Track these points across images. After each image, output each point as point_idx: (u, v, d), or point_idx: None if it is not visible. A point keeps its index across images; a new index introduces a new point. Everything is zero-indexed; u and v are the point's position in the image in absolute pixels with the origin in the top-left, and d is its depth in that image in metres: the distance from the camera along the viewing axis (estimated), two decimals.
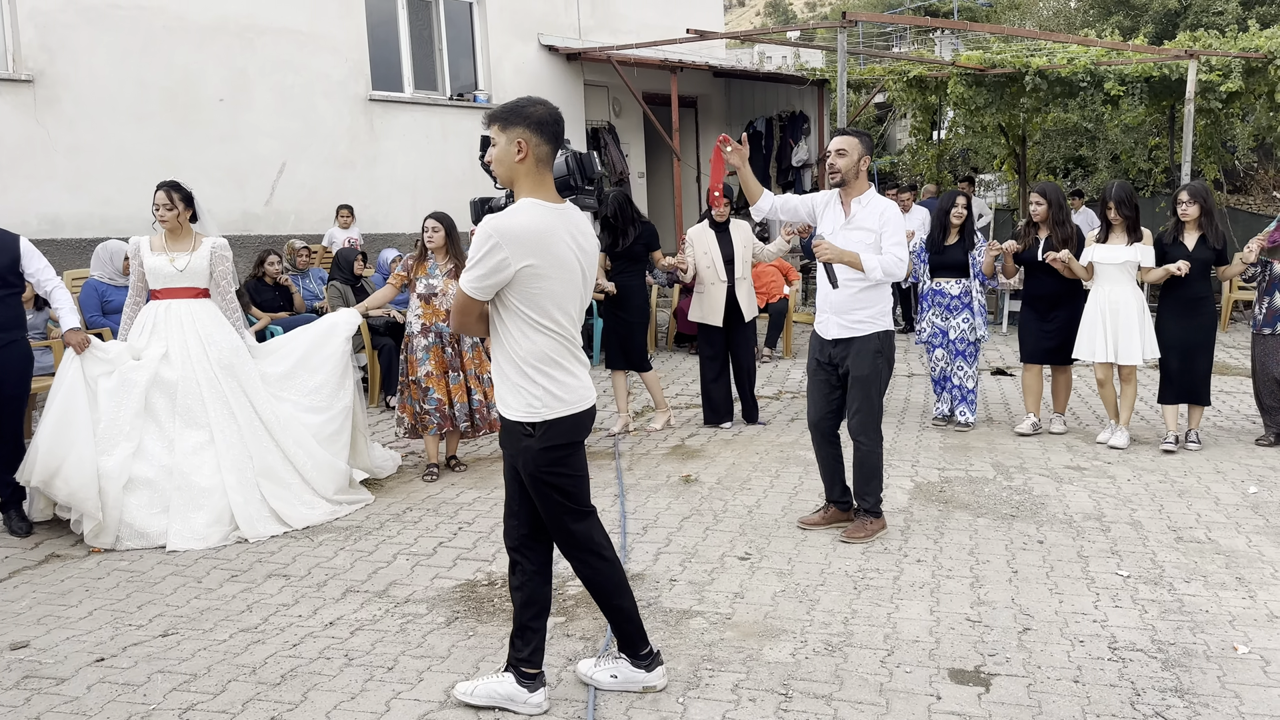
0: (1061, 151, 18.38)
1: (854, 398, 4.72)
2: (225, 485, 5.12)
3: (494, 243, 2.89)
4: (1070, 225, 6.60)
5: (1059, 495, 5.42)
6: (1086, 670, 3.44)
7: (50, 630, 4.03)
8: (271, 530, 5.12)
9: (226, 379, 5.29)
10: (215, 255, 5.44)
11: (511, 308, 3.00)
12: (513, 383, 3.05)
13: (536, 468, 3.07)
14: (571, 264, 3.03)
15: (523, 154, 2.96)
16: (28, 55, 8.45)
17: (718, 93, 15.26)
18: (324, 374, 5.66)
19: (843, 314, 4.65)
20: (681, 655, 3.61)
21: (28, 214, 8.44)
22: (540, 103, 3.03)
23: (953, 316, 6.92)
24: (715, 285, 7.02)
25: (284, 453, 5.35)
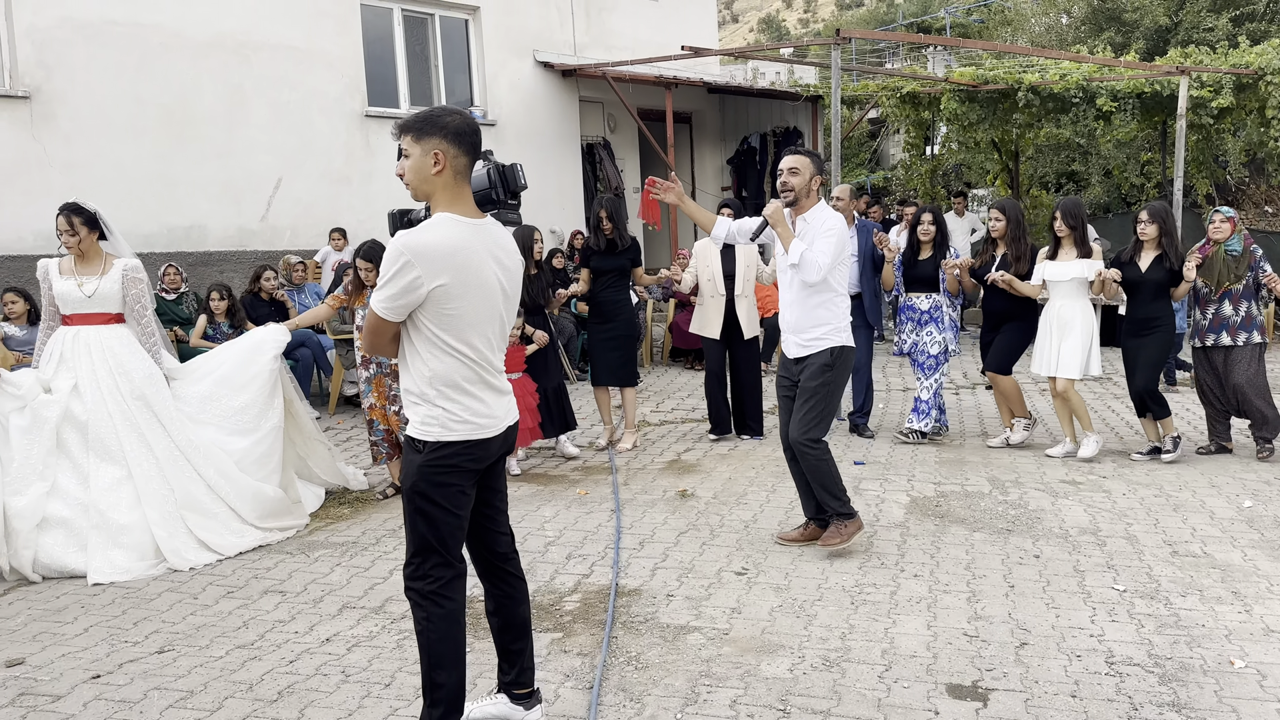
0: (1054, 166, 18.48)
1: (799, 406, 4.77)
2: (147, 520, 4.90)
3: (405, 260, 2.73)
4: (1025, 243, 6.70)
5: (1055, 509, 5.43)
6: (1084, 685, 3.44)
7: (46, 647, 4.01)
8: (203, 559, 4.93)
9: (141, 410, 5.06)
10: (128, 278, 5.16)
11: (422, 329, 2.84)
12: (414, 400, 2.91)
13: (412, 485, 2.90)
14: (491, 283, 2.89)
15: (439, 166, 2.81)
16: (24, 71, 8.48)
17: (712, 109, 15.33)
18: (250, 394, 5.44)
19: (799, 333, 4.75)
20: (679, 671, 3.61)
21: (24, 230, 8.45)
22: (456, 112, 2.89)
23: (921, 330, 7.00)
24: (714, 299, 7.05)
25: (206, 482, 5.12)
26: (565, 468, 6.64)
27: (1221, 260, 6.32)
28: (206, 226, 9.62)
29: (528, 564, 4.76)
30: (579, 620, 4.10)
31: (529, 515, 5.55)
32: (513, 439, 3.10)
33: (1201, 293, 6.40)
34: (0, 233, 8.33)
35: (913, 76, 14.33)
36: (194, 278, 9.09)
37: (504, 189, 3.10)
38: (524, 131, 12.23)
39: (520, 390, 6.17)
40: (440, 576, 2.92)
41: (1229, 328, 6.34)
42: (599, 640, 3.88)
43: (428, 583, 2.91)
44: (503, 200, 3.11)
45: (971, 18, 32.88)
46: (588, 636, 3.94)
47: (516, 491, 6.05)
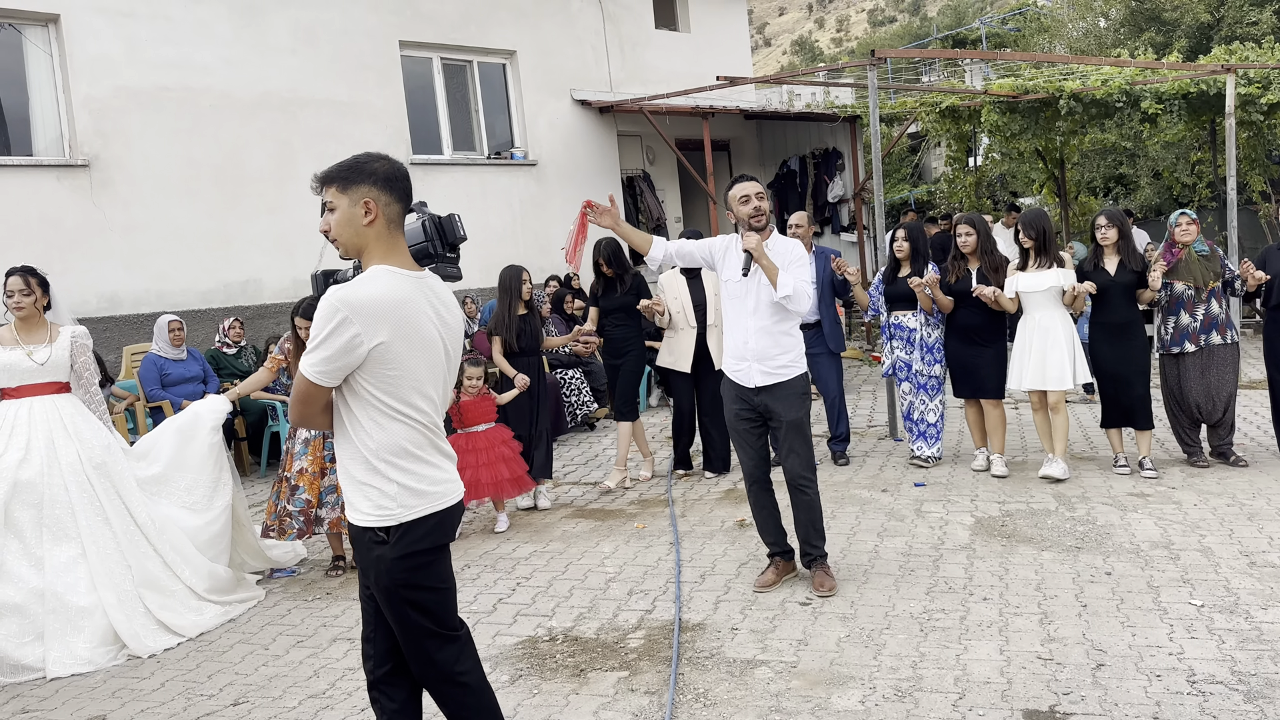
0: (1101, 171, 18.23)
1: (790, 441, 4.62)
2: (104, 603, 4.61)
3: (342, 317, 2.48)
4: (998, 254, 6.61)
5: (1124, 524, 5.31)
6: (1166, 706, 3.35)
7: (125, 703, 4.10)
8: (164, 643, 4.67)
9: (99, 480, 4.80)
10: (76, 345, 4.95)
11: (361, 394, 2.57)
12: (360, 482, 2.61)
13: (392, 580, 2.60)
14: (433, 339, 2.66)
15: (371, 215, 2.61)
16: (83, 141, 8.78)
17: (750, 134, 15.38)
18: (194, 471, 5.23)
19: (765, 360, 4.59)
20: (749, 707, 3.58)
21: (88, 293, 8.72)
22: (383, 158, 2.70)
23: (914, 349, 6.90)
24: (685, 331, 6.96)
25: (163, 559, 4.90)
26: (622, 501, 6.64)
27: (1196, 261, 6.29)
28: (262, 280, 9.83)
29: (589, 602, 4.77)
30: (644, 658, 4.09)
31: (588, 552, 5.56)
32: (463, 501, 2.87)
33: (1186, 295, 6.28)
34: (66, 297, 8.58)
35: (951, 91, 14.26)
36: (251, 330, 9.30)
37: (441, 242, 2.85)
38: (564, 169, 12.37)
39: (493, 440, 6.15)
40: (450, 656, 2.70)
41: (1218, 326, 6.28)
42: (666, 678, 3.87)
43: (438, 669, 2.69)
44: (440, 254, 2.86)
45: (1007, 27, 32.65)
46: (654, 674, 3.92)
47: (575, 528, 6.06)
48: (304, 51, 10.20)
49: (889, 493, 6.30)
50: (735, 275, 4.60)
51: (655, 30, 13.79)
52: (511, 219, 11.76)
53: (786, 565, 4.85)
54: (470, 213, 11.40)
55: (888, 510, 5.91)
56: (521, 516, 6.48)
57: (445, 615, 2.70)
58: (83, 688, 4.30)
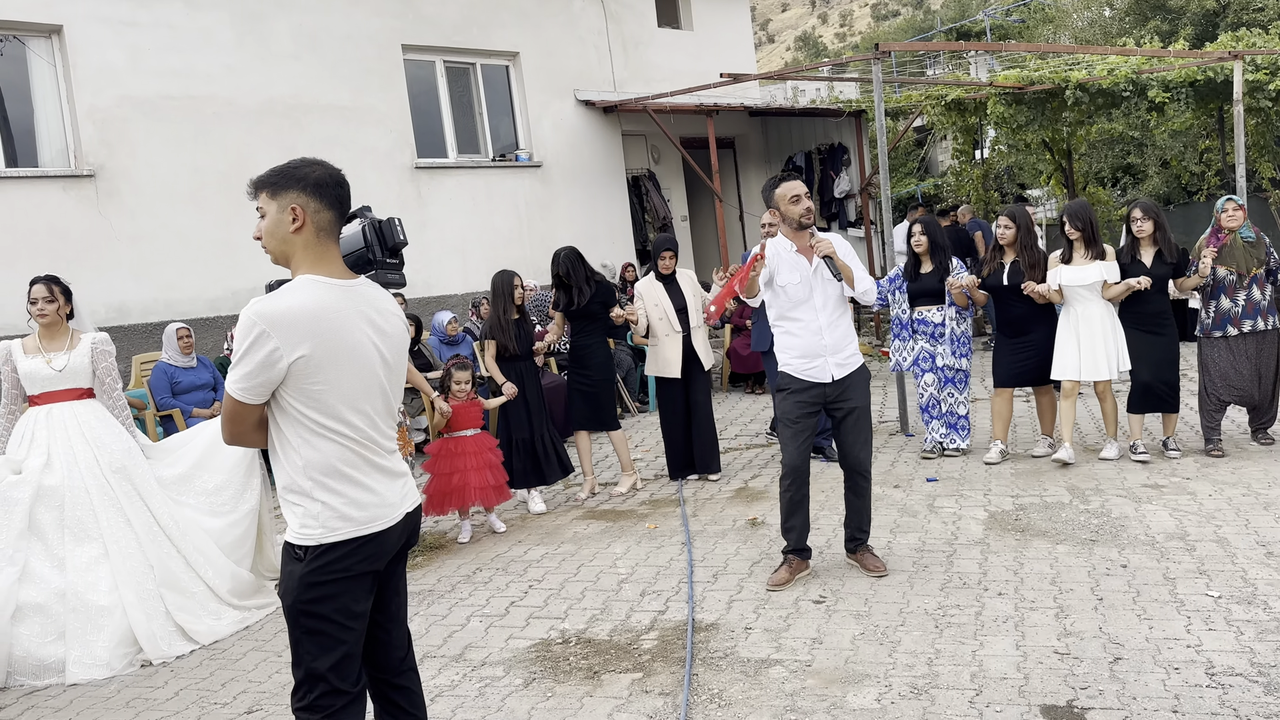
0: (1109, 161, 18.13)
1: (860, 430, 4.76)
2: (124, 603, 4.66)
3: (259, 331, 2.38)
4: (1037, 250, 6.60)
5: (1139, 516, 5.27)
6: (1185, 699, 3.32)
7: (140, 713, 4.10)
8: (177, 649, 4.70)
9: (120, 483, 4.86)
10: (97, 351, 5.00)
11: (289, 410, 2.46)
12: (290, 500, 2.50)
13: (295, 599, 2.47)
14: (365, 351, 2.53)
15: (299, 222, 2.50)
16: (88, 151, 8.81)
17: (755, 131, 15.35)
18: (224, 474, 5.26)
19: (838, 353, 4.70)
20: (764, 707, 3.56)
21: (96, 303, 8.73)
22: (318, 163, 2.58)
23: (939, 344, 6.93)
24: (670, 337, 6.89)
25: (186, 559, 4.94)
26: (633, 502, 6.63)
27: (1240, 247, 6.30)
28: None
29: (602, 603, 4.76)
30: (658, 659, 4.07)
31: (600, 553, 5.54)
32: (416, 524, 2.72)
33: (1228, 280, 6.31)
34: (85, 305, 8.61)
35: (956, 83, 14.19)
36: None
37: (382, 247, 2.74)
38: (569, 170, 12.36)
39: (481, 446, 6.12)
40: (329, 706, 2.50)
41: (1261, 312, 6.30)
42: (680, 679, 3.85)
43: (315, 714, 2.51)
44: (380, 260, 2.74)
45: (1011, 18, 32.53)
46: (668, 675, 3.90)
47: (586, 530, 6.05)
48: (307, 57, 10.21)
49: (901, 488, 6.27)
50: (793, 279, 4.65)
51: (658, 29, 13.77)
52: (517, 221, 11.76)
53: (801, 564, 4.83)
54: (476, 215, 11.44)
55: (900, 506, 5.88)
56: (532, 518, 6.47)
57: (343, 662, 2.50)
58: (97, 697, 4.30)
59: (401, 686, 2.73)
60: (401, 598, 2.75)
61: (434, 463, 6.06)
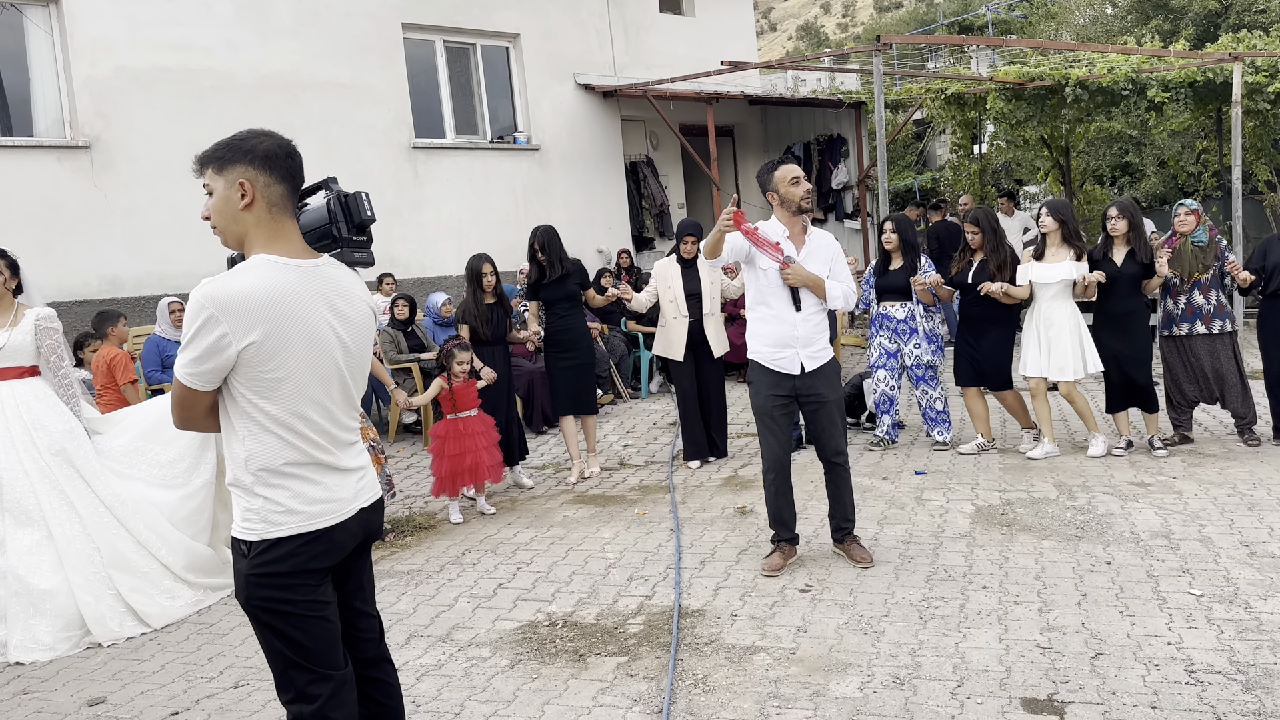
0: (1107, 159, 18.15)
1: (832, 421, 4.78)
2: (70, 584, 4.56)
3: (208, 315, 2.23)
4: (1004, 250, 6.63)
5: (1124, 513, 5.31)
6: (1164, 695, 3.35)
7: (125, 685, 4.11)
8: (128, 631, 4.60)
9: (60, 466, 4.71)
10: (40, 328, 4.81)
11: (239, 399, 2.33)
12: (233, 491, 2.41)
13: (246, 598, 2.37)
14: (323, 337, 2.38)
15: (248, 198, 2.36)
16: (84, 122, 8.76)
17: (754, 120, 15.32)
18: (178, 447, 5.10)
19: (808, 346, 4.71)
20: (747, 693, 3.59)
21: (89, 275, 8.72)
22: (266, 134, 2.42)
23: (904, 341, 7.01)
24: (676, 320, 6.93)
25: (135, 538, 4.80)
26: (622, 487, 6.65)
27: (1189, 251, 6.39)
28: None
29: (589, 587, 4.78)
30: (644, 643, 4.09)
31: (589, 538, 5.57)
32: (377, 522, 2.60)
33: (1172, 283, 6.44)
34: (67, 279, 8.59)
35: (957, 77, 14.19)
36: None
37: (347, 223, 2.54)
38: (567, 154, 12.34)
39: (480, 426, 6.12)
40: (317, 694, 2.40)
41: (1203, 316, 6.41)
42: (665, 663, 3.87)
43: (304, 705, 2.42)
44: (345, 236, 2.54)
45: (1014, 13, 32.48)
46: (653, 659, 3.93)
47: (575, 514, 6.07)
48: (306, 33, 10.15)
49: (890, 480, 6.30)
50: (774, 266, 4.65)
51: (660, 14, 13.73)
52: (514, 204, 11.74)
53: (792, 550, 4.88)
54: (473, 197, 11.41)
55: (888, 498, 5.91)
56: (522, 501, 6.49)
57: (316, 648, 2.40)
58: (83, 669, 4.32)
59: (375, 679, 2.65)
60: (368, 590, 2.65)
61: (441, 444, 6.03)
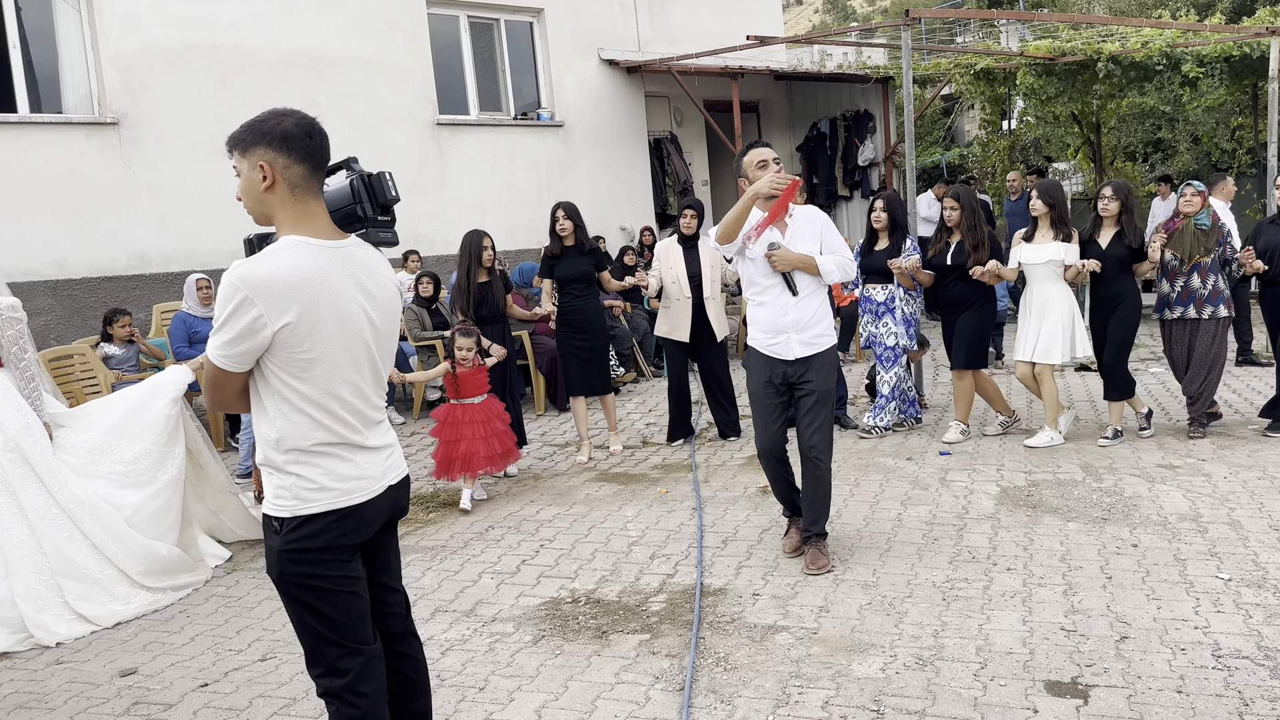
0: (1139, 136, 17.84)
1: (816, 414, 4.53)
2: (13, 594, 4.38)
3: (242, 297, 2.25)
4: (981, 229, 6.54)
5: (1152, 496, 5.26)
6: (1190, 680, 3.33)
7: (156, 656, 4.17)
8: (75, 633, 4.41)
9: (15, 465, 4.50)
10: (4, 318, 4.62)
11: (271, 381, 2.35)
12: (266, 467, 2.43)
13: (279, 574, 2.40)
14: (355, 316, 2.41)
15: (269, 180, 2.37)
16: (112, 99, 8.80)
17: (780, 95, 15.19)
18: (145, 443, 4.93)
19: (804, 331, 4.53)
20: (769, 672, 3.60)
21: (117, 251, 8.79)
22: (287, 114, 2.42)
23: (879, 322, 6.94)
24: (680, 301, 6.84)
25: (91, 541, 4.61)
26: (645, 466, 6.66)
27: (1191, 233, 6.29)
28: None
29: (611, 565, 4.80)
30: (665, 621, 4.11)
31: (611, 515, 5.58)
32: (404, 499, 2.63)
33: (1170, 265, 6.33)
34: (96, 256, 8.67)
35: (986, 52, 13.97)
36: None
37: (371, 203, 2.57)
38: (591, 130, 12.28)
39: (488, 414, 6.00)
40: (347, 669, 2.44)
41: (1195, 301, 6.31)
42: (686, 641, 3.89)
43: (335, 679, 2.45)
44: (370, 216, 2.57)
45: None
46: (675, 638, 3.94)
47: (598, 492, 6.09)
48: (331, 9, 10.14)
49: (914, 461, 6.27)
50: (762, 251, 4.54)
51: None
52: (537, 181, 11.71)
53: None
54: (496, 174, 11.40)
55: (912, 479, 5.89)
56: (545, 479, 6.51)
57: (346, 623, 2.44)
58: (115, 640, 4.39)
59: (402, 654, 2.69)
60: (394, 566, 2.68)
61: (440, 429, 6.01)
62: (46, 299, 8.37)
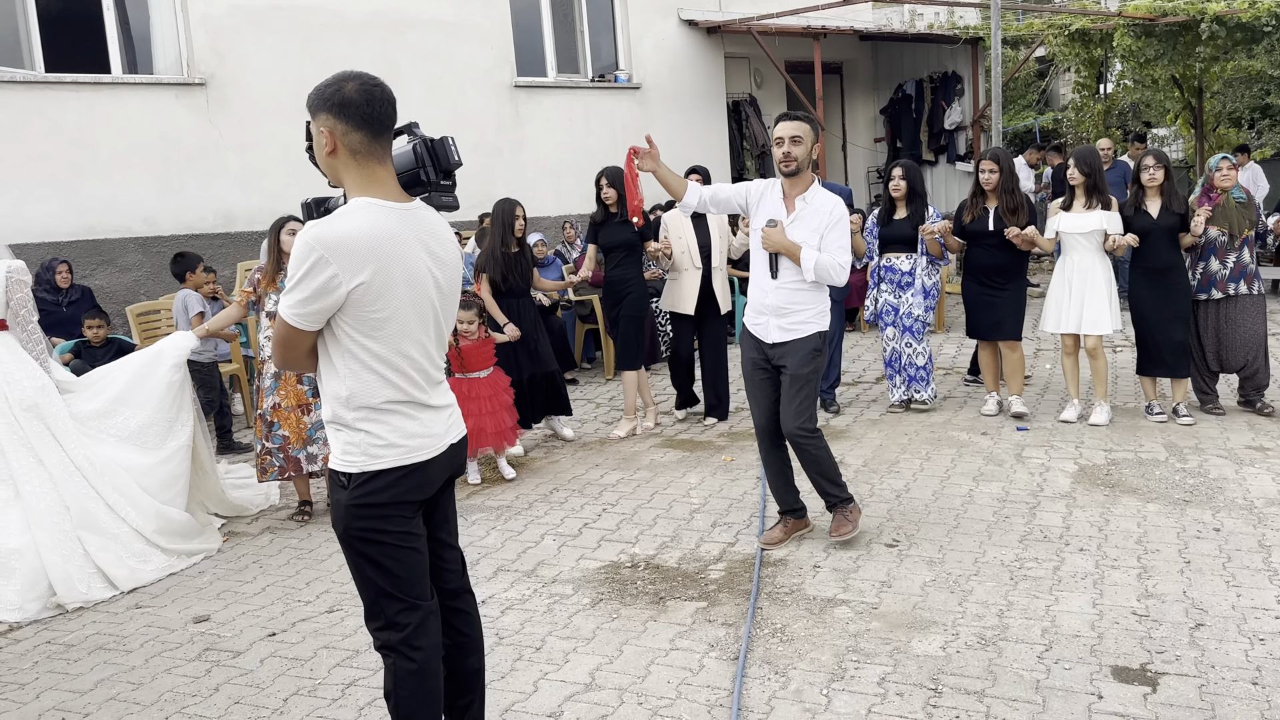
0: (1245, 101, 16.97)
1: (792, 397, 4.38)
2: (37, 544, 4.44)
3: (317, 256, 2.29)
4: (1019, 194, 6.27)
5: (1238, 478, 5.05)
6: (1267, 671, 3.19)
7: (228, 605, 4.32)
8: (96, 594, 4.46)
9: (31, 422, 4.59)
10: (11, 281, 4.70)
11: (341, 339, 2.40)
12: (335, 424, 2.48)
13: (345, 528, 2.47)
14: (422, 278, 2.46)
15: (330, 145, 2.41)
16: (200, 60, 9.00)
17: (864, 56, 14.82)
18: (149, 410, 4.97)
19: (783, 317, 4.37)
20: (826, 645, 3.56)
21: (204, 210, 9.03)
22: (353, 78, 2.43)
23: (904, 293, 6.68)
24: (690, 273, 6.61)
25: (105, 501, 4.67)
26: (711, 434, 6.62)
27: (1233, 208, 6.03)
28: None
29: (672, 531, 4.80)
30: (724, 589, 4.10)
31: (674, 482, 5.57)
32: (462, 457, 2.70)
33: (1219, 242, 6.06)
34: (183, 214, 8.92)
35: (1082, 12, 13.40)
36: None
37: (434, 168, 2.60)
38: (668, 93, 12.15)
39: (492, 389, 5.83)
40: (405, 623, 2.51)
41: (1246, 276, 6.09)
42: (743, 611, 3.87)
43: (393, 632, 2.52)
44: (433, 181, 2.61)
45: None
46: (732, 606, 3.93)
47: (662, 458, 6.08)
48: None
49: (989, 436, 6.12)
50: (759, 227, 4.40)
51: None
52: (612, 144, 11.64)
53: (797, 523, 4.65)
54: (572, 137, 11.37)
55: (986, 454, 5.75)
56: (611, 444, 6.53)
57: (407, 578, 2.51)
58: (190, 588, 4.55)
59: (458, 609, 2.74)
60: (452, 524, 2.74)
61: None
62: (136, 255, 8.65)
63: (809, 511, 4.70)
